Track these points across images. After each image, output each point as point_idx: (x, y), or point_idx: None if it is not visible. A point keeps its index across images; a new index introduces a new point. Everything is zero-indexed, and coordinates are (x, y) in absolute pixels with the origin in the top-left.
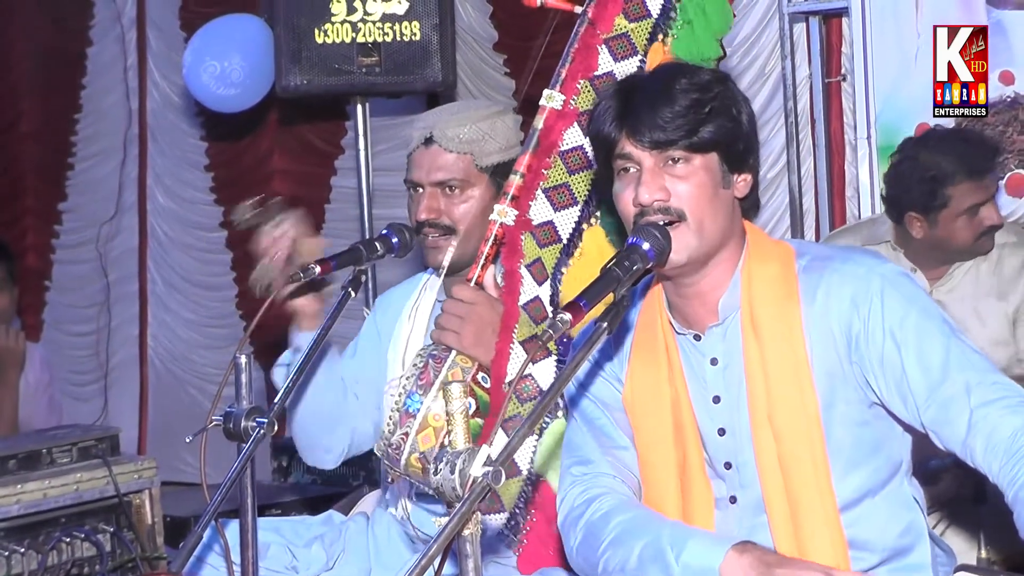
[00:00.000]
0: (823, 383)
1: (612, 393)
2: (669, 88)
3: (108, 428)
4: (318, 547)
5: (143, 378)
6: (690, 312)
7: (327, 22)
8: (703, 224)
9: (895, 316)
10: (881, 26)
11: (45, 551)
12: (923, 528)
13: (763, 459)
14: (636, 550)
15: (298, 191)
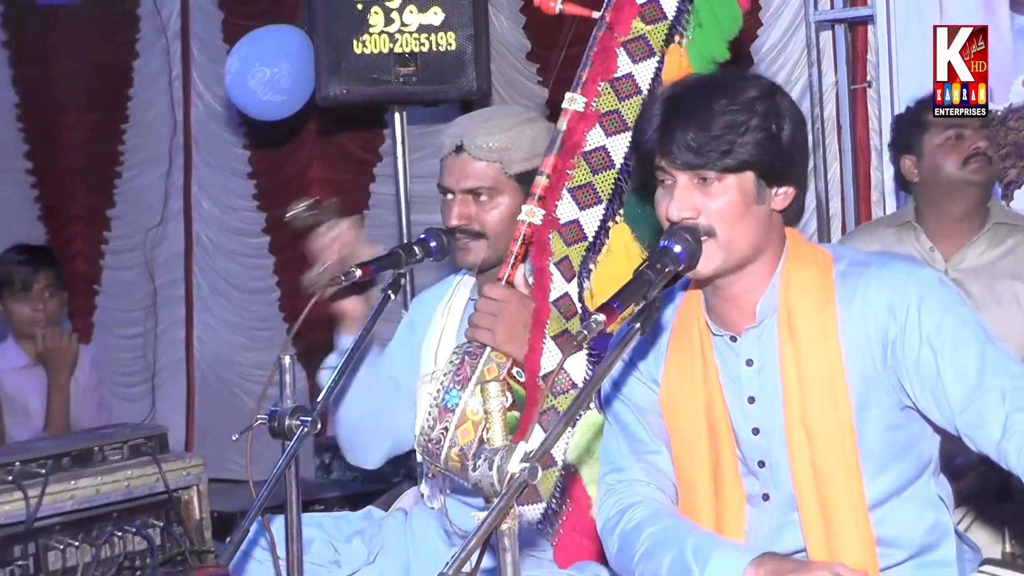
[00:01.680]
0: (857, 386)
1: (647, 395)
2: (708, 107)
3: (157, 427)
4: (359, 542)
5: (189, 379)
6: (727, 314)
7: (365, 33)
8: (732, 241)
9: (932, 322)
10: (906, 34)
11: (98, 545)
12: (949, 526)
13: (796, 459)
14: (665, 564)
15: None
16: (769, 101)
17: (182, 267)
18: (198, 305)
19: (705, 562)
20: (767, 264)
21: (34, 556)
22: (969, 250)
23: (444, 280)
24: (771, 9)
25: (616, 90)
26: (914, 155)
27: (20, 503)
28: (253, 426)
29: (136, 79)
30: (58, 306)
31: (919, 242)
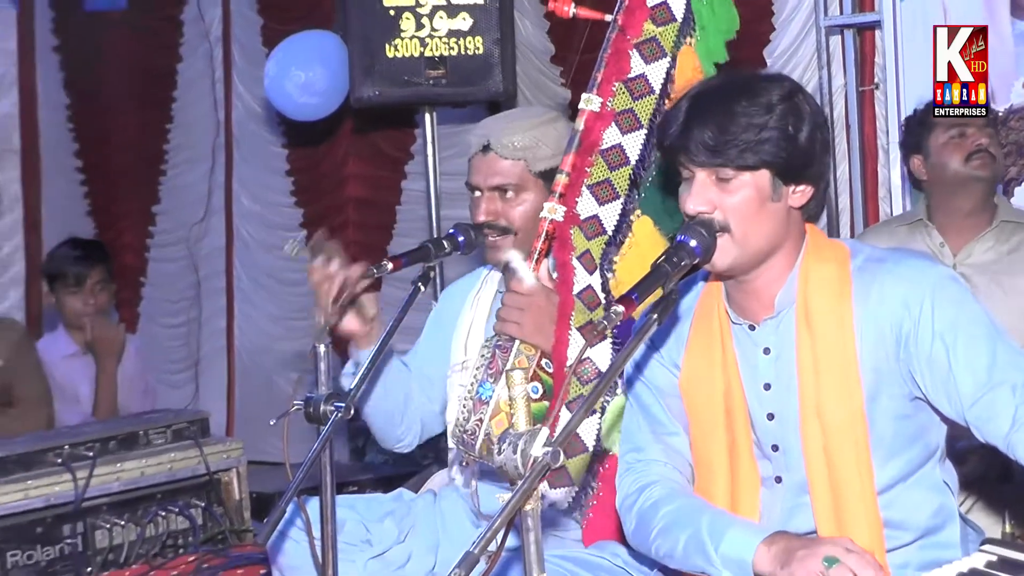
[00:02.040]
0: (869, 377)
1: (668, 379)
2: (729, 107)
3: (199, 412)
4: (390, 522)
5: (230, 367)
6: (746, 304)
7: (397, 38)
8: (747, 237)
9: (945, 319)
10: (912, 38)
11: (143, 524)
12: (953, 509)
13: (809, 445)
14: (681, 540)
15: (371, 194)
16: (789, 103)
17: (223, 260)
18: (238, 296)
19: (720, 539)
20: (786, 258)
21: (82, 535)
22: (976, 245)
23: (472, 273)
24: (783, 15)
25: (630, 90)
26: (922, 154)
27: (69, 484)
28: (290, 412)
29: (180, 82)
30: (107, 299)
31: (930, 238)
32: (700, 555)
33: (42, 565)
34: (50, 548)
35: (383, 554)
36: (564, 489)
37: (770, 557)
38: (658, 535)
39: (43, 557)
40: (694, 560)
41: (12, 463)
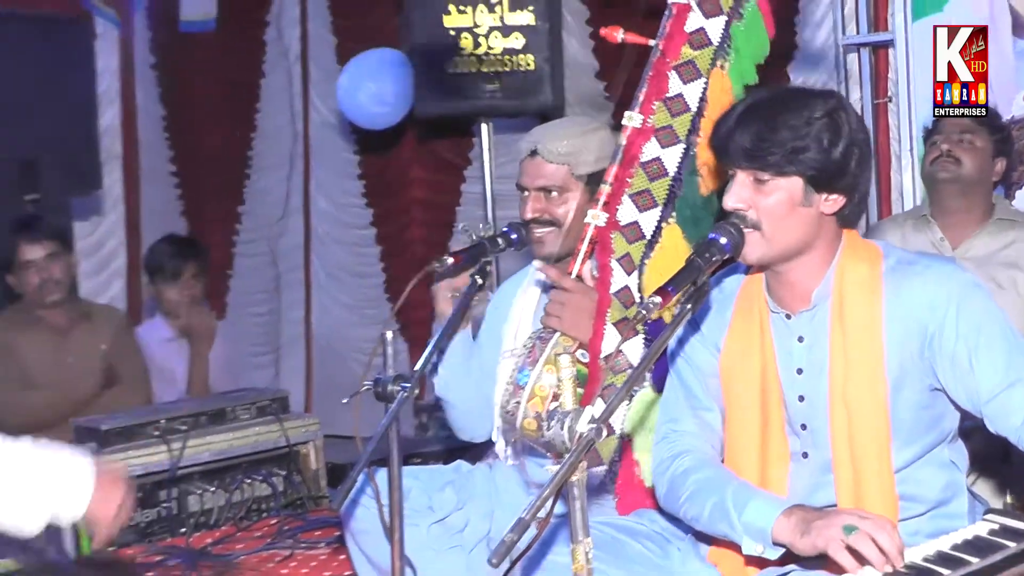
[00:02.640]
0: (894, 371)
1: (709, 359)
2: (772, 117)
3: (280, 391)
4: (450, 491)
5: (308, 350)
6: (784, 296)
7: (457, 55)
8: (776, 236)
9: (967, 322)
10: (921, 56)
11: (230, 490)
12: (962, 484)
13: (835, 427)
14: (707, 507)
15: (433, 196)
16: (829, 118)
17: (302, 255)
18: (315, 288)
19: (743, 508)
20: (821, 257)
21: (176, 500)
22: (974, 241)
23: (522, 270)
24: (805, 35)
25: (669, 108)
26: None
27: (165, 455)
28: (361, 391)
29: (263, 95)
30: (201, 290)
31: (931, 232)
32: (724, 521)
33: (142, 526)
34: (149, 511)
35: (443, 520)
36: (597, 468)
37: (789, 527)
38: (687, 500)
39: (142, 519)
40: (718, 526)
41: (115, 435)
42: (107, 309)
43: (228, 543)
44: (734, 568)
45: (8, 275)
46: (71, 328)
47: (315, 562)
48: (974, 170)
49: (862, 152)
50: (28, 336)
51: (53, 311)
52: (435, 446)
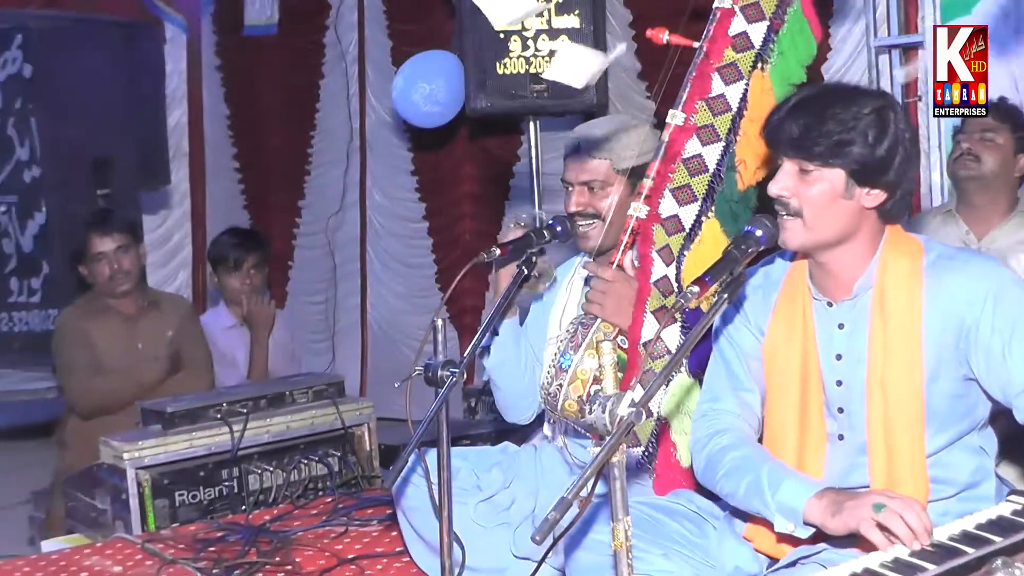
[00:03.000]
0: (931, 361)
1: (752, 342)
2: (821, 111)
3: (336, 376)
4: (497, 471)
5: (363, 337)
6: (827, 285)
7: (506, 57)
8: (816, 225)
9: (1004, 318)
10: None
11: (288, 470)
12: (990, 469)
13: (872, 412)
14: (743, 484)
15: (483, 191)
16: (876, 116)
17: (358, 247)
18: (371, 278)
19: (777, 488)
20: (864, 249)
21: (237, 478)
22: (998, 232)
23: (568, 260)
24: (839, 37)
25: (711, 108)
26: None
27: (227, 436)
28: (412, 376)
29: (322, 95)
30: (262, 280)
31: (958, 226)
32: (758, 499)
33: (204, 503)
34: (211, 489)
35: (490, 498)
36: (635, 449)
37: (820, 508)
38: (723, 476)
39: (205, 496)
40: (753, 503)
41: (180, 417)
42: (174, 298)
43: (286, 520)
44: (768, 545)
45: (81, 266)
46: (140, 316)
47: (368, 538)
48: (995, 167)
49: (907, 152)
50: (99, 324)
51: (123, 300)
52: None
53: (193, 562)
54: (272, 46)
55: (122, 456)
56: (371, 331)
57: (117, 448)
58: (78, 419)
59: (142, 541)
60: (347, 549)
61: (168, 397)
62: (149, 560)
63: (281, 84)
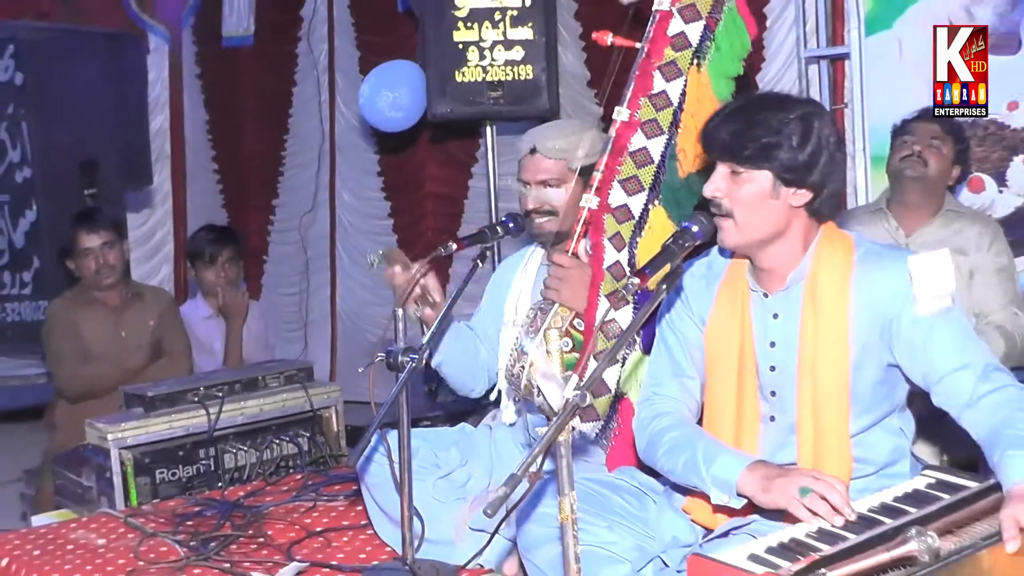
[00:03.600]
0: (857, 349)
1: (695, 332)
2: (752, 117)
3: (305, 362)
4: (454, 450)
5: (333, 327)
6: (763, 277)
7: (465, 66)
8: (746, 224)
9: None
10: (873, 67)
11: (261, 449)
12: (907, 449)
13: (801, 395)
14: (681, 461)
15: (445, 190)
16: (802, 122)
17: (328, 243)
18: (340, 271)
19: (711, 463)
20: (796, 245)
21: (214, 457)
22: (925, 229)
23: (521, 250)
24: (772, 48)
25: (653, 103)
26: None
27: (203, 418)
28: (375, 361)
29: (295, 102)
30: (236, 273)
31: (888, 223)
32: (695, 474)
33: (183, 480)
34: (189, 467)
35: (448, 475)
36: (592, 423)
37: (752, 481)
38: (664, 455)
39: (184, 474)
40: (690, 478)
41: (160, 401)
42: (155, 290)
43: (258, 496)
44: (704, 517)
45: (68, 261)
46: (124, 307)
47: (335, 512)
48: (937, 172)
49: (831, 155)
50: (86, 314)
51: (108, 292)
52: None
53: (172, 535)
54: (248, 56)
55: (106, 437)
56: (340, 321)
57: (102, 430)
58: (66, 403)
59: (125, 516)
60: (315, 522)
61: (150, 382)
62: (131, 533)
63: (257, 91)
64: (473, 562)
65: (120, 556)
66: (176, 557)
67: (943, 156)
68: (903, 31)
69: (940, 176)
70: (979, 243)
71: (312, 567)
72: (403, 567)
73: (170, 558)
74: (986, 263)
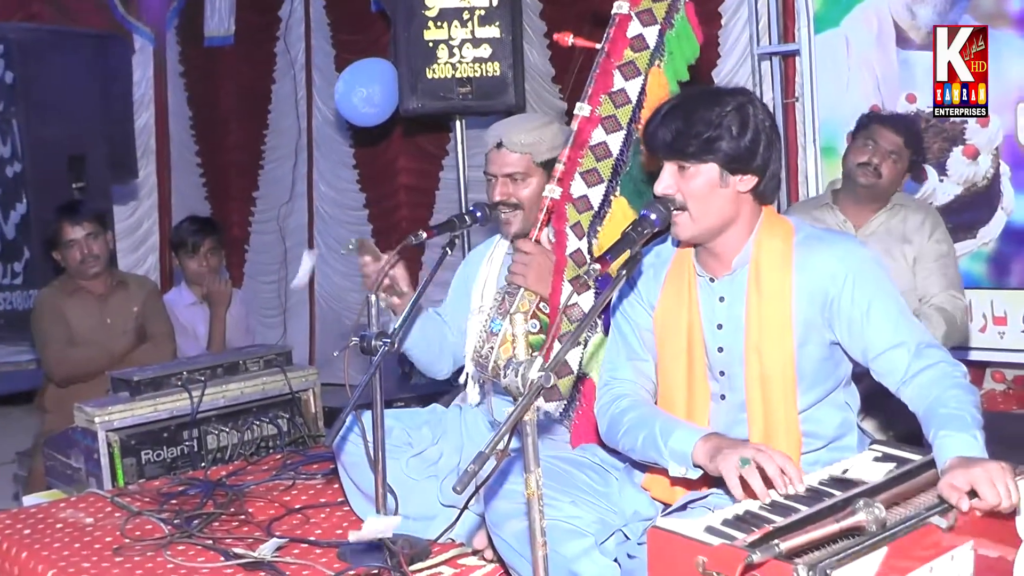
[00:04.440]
0: (800, 328)
1: (645, 317)
2: (689, 113)
3: (284, 346)
4: (426, 429)
5: (312, 312)
6: (709, 262)
7: (435, 63)
8: (701, 215)
9: (863, 291)
10: (822, 63)
11: (242, 430)
12: (853, 423)
13: (749, 374)
14: (640, 438)
15: (417, 182)
16: (738, 112)
17: (306, 232)
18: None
19: (668, 437)
20: (741, 231)
21: (197, 438)
22: (873, 221)
23: (488, 240)
24: (727, 46)
25: (613, 100)
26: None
27: (187, 401)
28: (349, 345)
29: (273, 98)
30: (218, 262)
31: (835, 215)
32: (654, 449)
33: (168, 461)
34: (173, 448)
35: (420, 454)
36: (556, 402)
37: (704, 451)
38: (624, 434)
39: (168, 455)
40: (649, 453)
41: (145, 384)
42: (139, 278)
43: (240, 475)
44: (662, 493)
45: (55, 252)
46: (109, 295)
47: (312, 490)
48: (888, 183)
49: (769, 138)
50: (73, 302)
51: (93, 281)
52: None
53: (157, 514)
54: (229, 55)
55: (94, 420)
56: (318, 307)
57: (90, 413)
58: (56, 387)
59: (112, 495)
60: (294, 500)
61: (135, 367)
62: (118, 512)
63: (237, 89)
64: (444, 536)
65: (107, 534)
66: (161, 534)
67: (897, 170)
68: (850, 29)
69: (891, 185)
70: (921, 231)
71: (291, 543)
72: (378, 542)
73: (155, 535)
74: (928, 250)
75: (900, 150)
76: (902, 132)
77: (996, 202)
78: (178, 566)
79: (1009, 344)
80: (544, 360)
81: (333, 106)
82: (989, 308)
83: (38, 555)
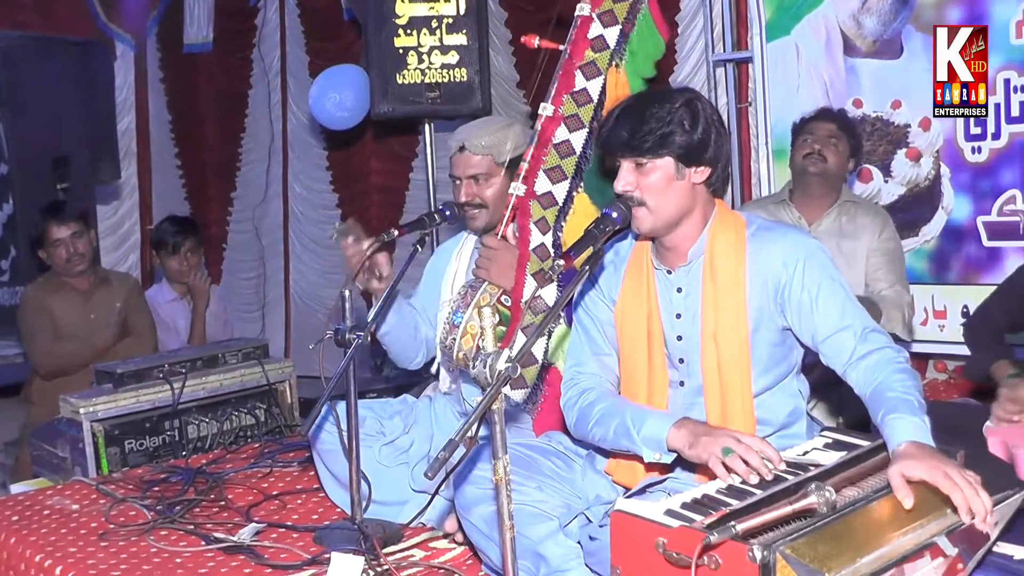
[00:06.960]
0: (753, 315)
1: (606, 311)
2: (641, 112)
3: (261, 340)
4: (398, 419)
5: (287, 308)
6: (666, 255)
7: (405, 69)
8: (659, 208)
9: (811, 278)
10: (774, 69)
11: (221, 420)
12: (803, 410)
13: (706, 360)
14: (611, 428)
15: (388, 182)
16: (687, 107)
17: (282, 231)
18: (293, 257)
19: (640, 425)
20: (697, 222)
21: (178, 428)
22: (825, 219)
23: (456, 236)
24: (683, 52)
25: (575, 100)
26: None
27: (168, 392)
28: (323, 339)
29: (250, 103)
30: (198, 261)
31: (790, 212)
32: (626, 438)
33: (150, 450)
34: (155, 438)
35: (392, 442)
36: (521, 391)
37: (680, 436)
38: (594, 425)
39: (151, 444)
40: (622, 442)
41: (128, 377)
42: (122, 275)
43: (219, 463)
44: (624, 477)
45: (40, 251)
46: (92, 291)
47: (289, 477)
48: (836, 166)
49: (718, 130)
50: (58, 298)
51: (78, 278)
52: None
53: (140, 500)
54: (208, 62)
55: (79, 411)
56: (294, 302)
57: (75, 404)
58: (42, 380)
59: (96, 483)
60: (272, 487)
61: (118, 360)
62: (103, 499)
63: (215, 94)
64: (416, 521)
65: (93, 520)
66: (144, 520)
67: (840, 152)
68: (800, 37)
69: (839, 169)
70: (871, 229)
71: (269, 527)
72: (352, 526)
73: (139, 521)
74: (877, 247)
75: (836, 134)
76: (833, 119)
77: (937, 202)
78: (161, 550)
79: (948, 336)
80: (507, 349)
81: (307, 110)
82: (930, 302)
83: (26, 540)
